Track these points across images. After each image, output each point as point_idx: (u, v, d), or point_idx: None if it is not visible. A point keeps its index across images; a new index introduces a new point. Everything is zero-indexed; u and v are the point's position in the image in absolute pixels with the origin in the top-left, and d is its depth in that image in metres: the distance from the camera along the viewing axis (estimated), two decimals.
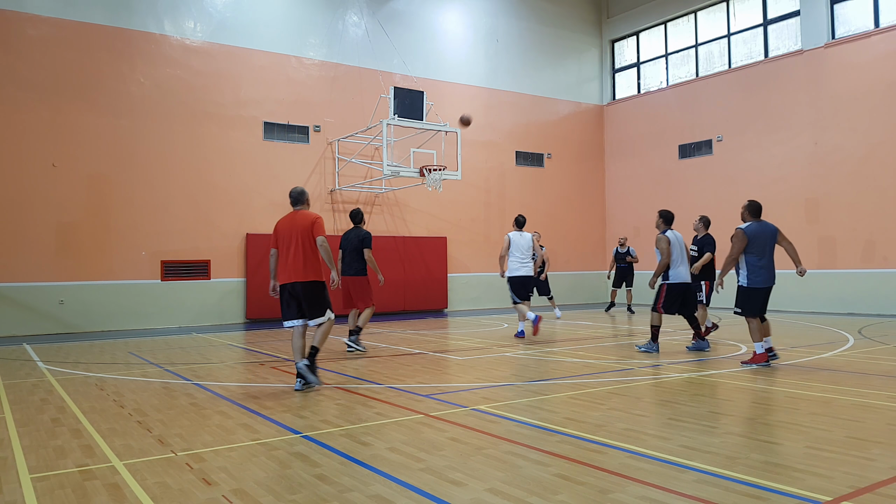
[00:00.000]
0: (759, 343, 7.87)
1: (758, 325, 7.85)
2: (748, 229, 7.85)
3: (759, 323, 7.87)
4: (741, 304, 7.92)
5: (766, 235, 7.88)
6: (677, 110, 19.50)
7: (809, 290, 16.28)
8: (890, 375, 7.26)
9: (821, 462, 4.12)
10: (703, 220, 10.56)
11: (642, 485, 3.72)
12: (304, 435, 4.96)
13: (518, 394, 6.44)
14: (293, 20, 16.44)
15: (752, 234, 7.82)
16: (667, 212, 9.23)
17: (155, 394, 6.75)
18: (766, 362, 7.82)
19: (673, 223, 9.16)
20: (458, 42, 19.01)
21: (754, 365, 7.82)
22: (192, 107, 14.99)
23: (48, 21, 13.58)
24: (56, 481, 3.98)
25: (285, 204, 15.96)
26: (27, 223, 13.24)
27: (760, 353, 7.85)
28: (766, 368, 7.71)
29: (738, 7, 18.47)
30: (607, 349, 9.72)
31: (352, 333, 9.59)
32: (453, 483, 3.81)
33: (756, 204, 7.96)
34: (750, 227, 7.89)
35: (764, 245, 7.82)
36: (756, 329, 7.86)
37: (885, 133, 15.06)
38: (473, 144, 18.39)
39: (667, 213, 9.21)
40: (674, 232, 9.13)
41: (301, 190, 7.05)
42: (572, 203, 20.84)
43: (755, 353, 7.92)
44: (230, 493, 3.71)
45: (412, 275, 17.40)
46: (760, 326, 7.87)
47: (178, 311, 14.65)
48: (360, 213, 9.90)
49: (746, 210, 8.00)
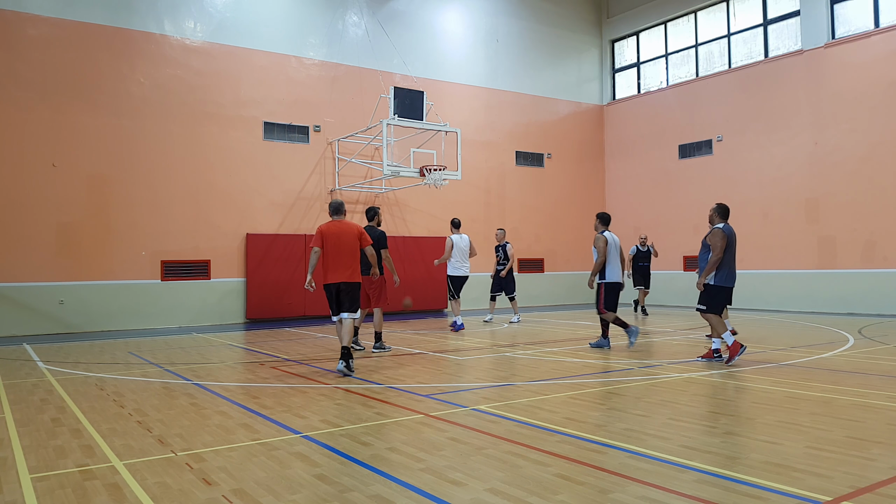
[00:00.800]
0: (727, 333, 8.11)
1: (719, 320, 8.20)
2: (725, 229, 8.23)
3: (719, 318, 8.23)
4: (707, 302, 8.25)
5: (734, 237, 8.32)
6: (677, 110, 19.51)
7: (809, 290, 16.29)
8: (890, 375, 7.26)
9: (821, 462, 4.12)
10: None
11: (642, 485, 3.72)
12: (304, 435, 4.96)
13: (518, 394, 6.44)
14: (293, 20, 16.44)
15: (729, 234, 8.23)
16: (604, 214, 9.91)
17: (155, 394, 6.75)
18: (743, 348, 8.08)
19: (610, 224, 9.83)
20: (458, 42, 19.02)
21: (736, 357, 8.02)
22: (192, 107, 14.99)
23: (48, 21, 13.59)
24: (56, 481, 3.98)
25: (285, 204, 16.09)
26: (27, 223, 13.24)
27: (733, 342, 8.04)
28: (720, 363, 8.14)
29: (738, 7, 18.47)
30: (607, 349, 9.71)
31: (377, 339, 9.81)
32: (453, 483, 3.81)
33: (726, 206, 8.49)
34: (726, 227, 8.29)
35: (734, 246, 8.28)
36: (719, 323, 8.18)
37: (885, 133, 15.06)
38: (473, 144, 18.40)
39: (604, 215, 9.86)
40: (611, 233, 9.76)
41: (342, 202, 8.20)
42: (572, 203, 20.84)
43: (728, 346, 8.11)
44: (230, 493, 3.71)
45: (412, 275, 17.39)
46: (721, 320, 8.24)
47: (178, 311, 14.65)
48: (374, 211, 10.03)
49: (716, 213, 8.41)
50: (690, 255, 18.44)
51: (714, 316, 8.21)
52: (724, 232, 8.17)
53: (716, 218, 8.40)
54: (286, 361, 8.93)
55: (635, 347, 9.67)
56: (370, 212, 10.06)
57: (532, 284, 19.76)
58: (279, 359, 9.21)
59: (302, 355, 9.52)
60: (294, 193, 16.19)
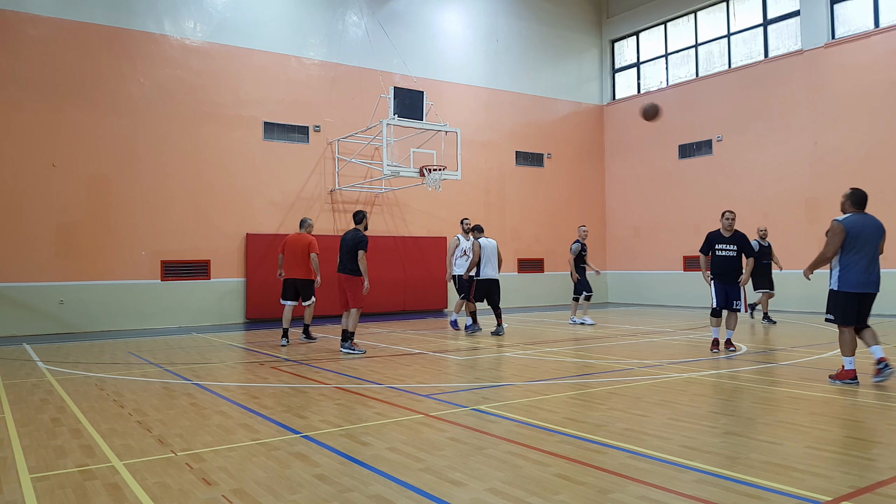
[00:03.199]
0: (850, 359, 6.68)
1: (850, 337, 6.71)
2: (846, 222, 6.67)
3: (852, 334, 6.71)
4: (832, 310, 6.81)
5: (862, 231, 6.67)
6: (677, 110, 19.50)
7: (809, 290, 16.26)
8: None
9: (821, 462, 4.12)
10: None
11: (642, 485, 3.72)
12: (304, 435, 4.96)
13: (518, 394, 6.44)
14: (293, 20, 16.44)
15: (849, 227, 6.65)
16: (478, 225, 11.90)
17: (155, 394, 6.75)
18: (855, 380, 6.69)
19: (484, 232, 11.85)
20: (458, 42, 19.02)
21: (842, 381, 6.68)
22: (192, 107, 14.99)
23: (48, 21, 13.58)
24: (56, 481, 3.98)
25: (285, 204, 16.09)
26: (27, 223, 13.24)
27: (850, 368, 6.71)
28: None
29: (738, 7, 18.47)
30: (607, 349, 9.72)
31: (344, 341, 9.65)
32: (453, 483, 3.81)
33: (862, 193, 6.87)
34: (847, 219, 6.69)
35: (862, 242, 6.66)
36: (847, 342, 6.70)
37: (885, 133, 15.06)
38: (473, 144, 18.40)
39: (479, 226, 11.87)
40: (488, 239, 11.85)
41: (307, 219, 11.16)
42: (572, 203, 20.84)
43: (843, 368, 6.74)
44: (230, 493, 3.71)
45: (412, 275, 17.40)
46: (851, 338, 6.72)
47: (178, 311, 14.65)
48: (360, 214, 9.93)
49: (848, 200, 6.86)
50: (691, 255, 18.43)
51: (846, 330, 6.64)
52: (842, 225, 6.61)
53: (847, 206, 6.81)
54: (286, 361, 8.93)
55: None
56: (357, 215, 9.93)
57: (532, 284, 19.76)
58: (279, 359, 9.21)
59: (302, 355, 9.52)
60: (294, 193, 16.19)
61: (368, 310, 16.83)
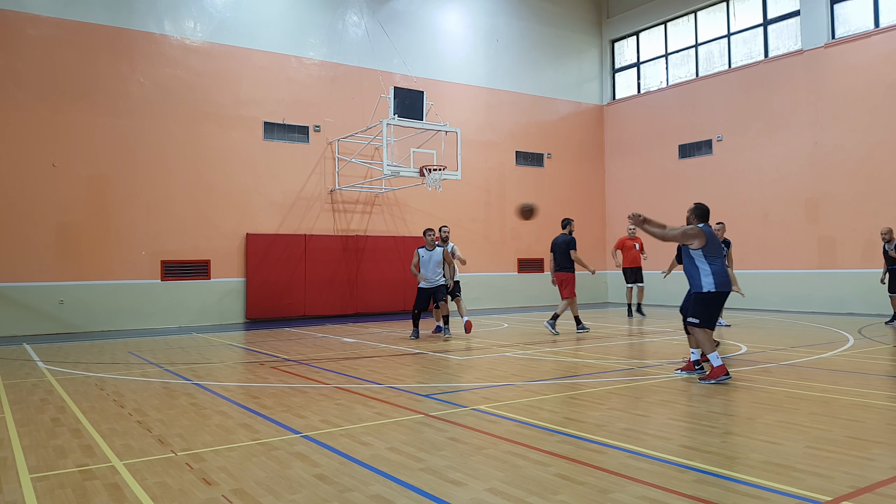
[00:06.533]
0: (715, 354, 6.95)
1: (709, 336, 7.01)
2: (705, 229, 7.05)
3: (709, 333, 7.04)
4: (700, 314, 6.99)
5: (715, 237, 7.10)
6: (677, 110, 19.50)
7: (809, 290, 16.29)
8: (890, 375, 7.27)
9: (821, 462, 4.12)
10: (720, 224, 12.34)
11: (642, 485, 3.72)
12: (304, 435, 4.96)
13: (518, 394, 6.44)
14: (293, 20, 16.44)
15: (708, 234, 7.02)
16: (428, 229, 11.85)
17: (155, 394, 6.75)
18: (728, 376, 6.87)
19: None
20: (458, 42, 19.01)
21: (715, 381, 6.81)
22: (192, 107, 14.99)
23: (48, 21, 13.58)
24: (56, 481, 3.98)
25: (285, 204, 16.09)
26: (27, 223, 13.24)
27: (720, 365, 6.88)
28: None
29: (738, 7, 18.46)
30: (607, 349, 9.72)
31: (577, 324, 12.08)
32: (453, 483, 3.81)
33: (705, 207, 7.25)
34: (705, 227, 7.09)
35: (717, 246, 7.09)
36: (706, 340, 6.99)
37: (885, 133, 15.06)
38: (473, 144, 18.40)
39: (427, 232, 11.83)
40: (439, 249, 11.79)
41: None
42: (572, 203, 20.81)
43: (713, 366, 6.92)
44: (230, 493, 3.71)
45: (413, 275, 17.38)
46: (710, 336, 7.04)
47: (178, 311, 14.65)
48: (566, 220, 12.53)
49: (693, 213, 7.21)
50: None
51: (702, 331, 6.96)
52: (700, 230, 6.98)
53: (693, 219, 7.19)
54: (286, 361, 8.92)
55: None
56: (564, 222, 12.52)
57: (532, 284, 19.76)
58: (279, 359, 9.21)
59: (302, 355, 9.52)
60: (294, 193, 16.19)
61: (368, 310, 16.85)
